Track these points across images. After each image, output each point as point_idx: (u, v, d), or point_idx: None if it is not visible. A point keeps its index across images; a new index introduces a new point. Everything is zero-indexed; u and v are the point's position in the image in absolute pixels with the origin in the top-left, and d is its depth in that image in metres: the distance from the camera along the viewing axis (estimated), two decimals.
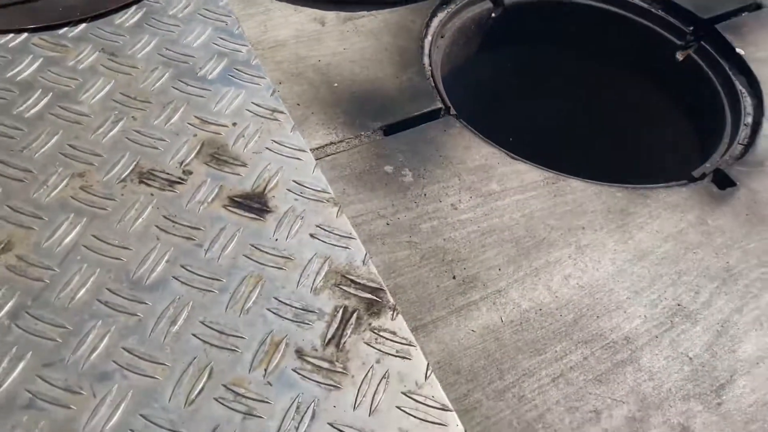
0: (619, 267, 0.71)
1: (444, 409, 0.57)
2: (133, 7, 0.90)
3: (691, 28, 1.08)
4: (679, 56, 1.04)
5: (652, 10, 1.11)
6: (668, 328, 0.67)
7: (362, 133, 0.82)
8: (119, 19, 0.88)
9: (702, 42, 1.07)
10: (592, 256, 0.72)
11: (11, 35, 0.83)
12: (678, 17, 1.10)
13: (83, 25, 0.86)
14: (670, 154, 1.06)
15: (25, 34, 0.83)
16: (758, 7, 1.11)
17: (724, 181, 0.83)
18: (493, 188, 0.78)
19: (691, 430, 0.60)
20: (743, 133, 0.93)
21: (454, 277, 0.68)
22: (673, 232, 0.76)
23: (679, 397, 0.62)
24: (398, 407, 0.57)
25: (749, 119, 0.95)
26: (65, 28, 0.85)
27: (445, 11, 1.03)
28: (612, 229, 0.75)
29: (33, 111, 0.75)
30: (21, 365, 0.55)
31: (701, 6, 1.09)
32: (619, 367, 0.63)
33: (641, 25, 1.12)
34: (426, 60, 0.95)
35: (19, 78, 0.78)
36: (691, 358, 0.65)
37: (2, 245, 0.62)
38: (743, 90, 0.99)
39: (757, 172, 0.85)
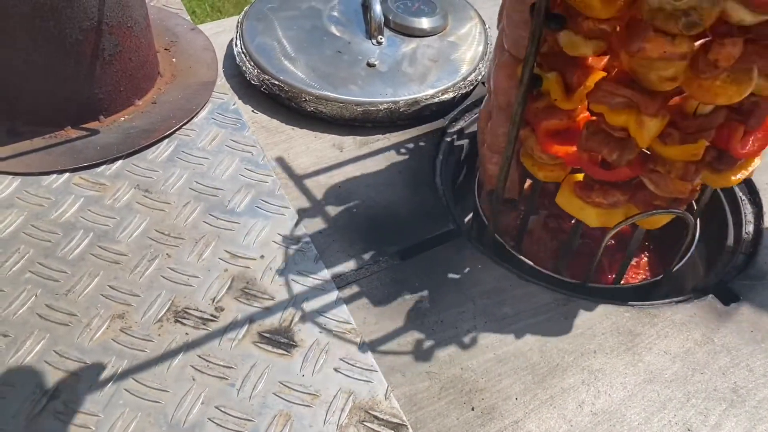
0: (630, 391, 0.75)
1: None
2: (165, 141, 0.97)
3: None
4: None
5: None
6: None
7: (380, 258, 0.87)
8: (152, 154, 0.95)
9: None
10: (604, 381, 0.75)
11: (54, 176, 0.90)
12: None
13: (119, 162, 0.93)
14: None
15: (67, 174, 0.90)
16: None
17: (727, 296, 0.87)
18: (506, 312, 0.82)
19: None
20: (745, 242, 0.97)
21: (473, 409, 0.71)
22: (680, 353, 0.79)
23: None
24: None
25: (750, 228, 0.99)
26: (103, 166, 0.92)
27: (455, 129, 1.09)
28: (622, 352, 0.78)
29: (75, 252, 0.81)
30: None
31: None
32: None
33: None
34: (438, 179, 1.01)
35: (62, 219, 0.84)
36: None
37: (50, 393, 0.67)
38: (743, 197, 1.04)
39: (760, 285, 0.88)
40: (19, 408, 0.66)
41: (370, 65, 1.08)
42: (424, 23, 1.16)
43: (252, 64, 1.07)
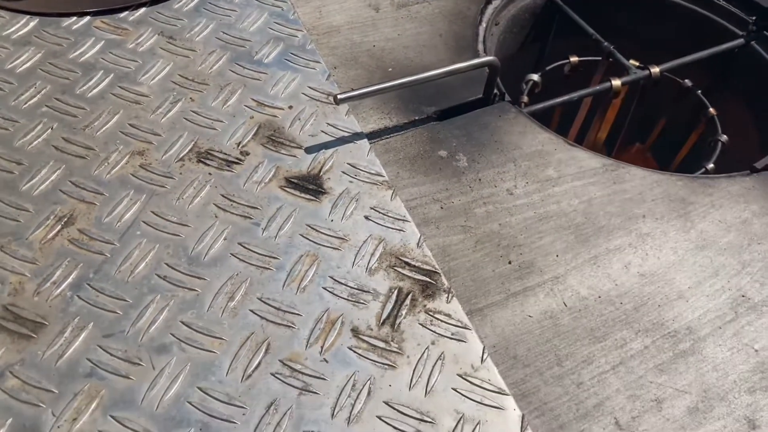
0: (680, 256, 0.69)
1: (501, 392, 0.56)
2: None
3: (754, 17, 1.05)
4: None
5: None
6: (732, 319, 0.65)
7: (416, 117, 0.81)
8: (177, 3, 0.89)
9: (764, 31, 1.03)
10: (653, 245, 0.70)
11: (74, 18, 0.85)
12: (740, 7, 1.07)
13: (143, 9, 0.88)
14: (729, 145, 1.02)
15: (88, 17, 0.85)
16: None
17: None
18: (550, 174, 0.76)
19: (757, 424, 0.58)
20: None
21: (509, 263, 0.67)
22: (736, 222, 0.73)
23: (745, 389, 0.60)
24: (454, 389, 0.56)
25: None
26: (125, 12, 0.87)
27: None
28: (673, 218, 0.73)
29: (95, 91, 0.76)
30: (83, 335, 0.56)
31: None
32: (681, 357, 0.62)
33: (701, 15, 1.09)
34: (480, 46, 0.94)
35: (81, 59, 0.80)
36: (756, 351, 0.63)
37: (65, 219, 0.64)
38: None
39: None
40: (33, 231, 0.62)
41: None
42: None
43: None
